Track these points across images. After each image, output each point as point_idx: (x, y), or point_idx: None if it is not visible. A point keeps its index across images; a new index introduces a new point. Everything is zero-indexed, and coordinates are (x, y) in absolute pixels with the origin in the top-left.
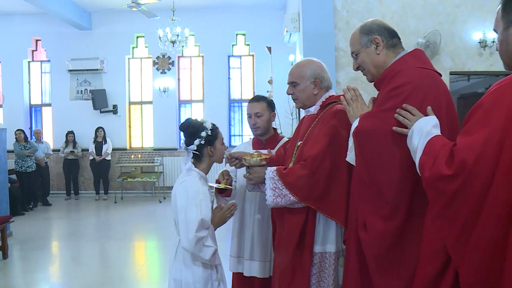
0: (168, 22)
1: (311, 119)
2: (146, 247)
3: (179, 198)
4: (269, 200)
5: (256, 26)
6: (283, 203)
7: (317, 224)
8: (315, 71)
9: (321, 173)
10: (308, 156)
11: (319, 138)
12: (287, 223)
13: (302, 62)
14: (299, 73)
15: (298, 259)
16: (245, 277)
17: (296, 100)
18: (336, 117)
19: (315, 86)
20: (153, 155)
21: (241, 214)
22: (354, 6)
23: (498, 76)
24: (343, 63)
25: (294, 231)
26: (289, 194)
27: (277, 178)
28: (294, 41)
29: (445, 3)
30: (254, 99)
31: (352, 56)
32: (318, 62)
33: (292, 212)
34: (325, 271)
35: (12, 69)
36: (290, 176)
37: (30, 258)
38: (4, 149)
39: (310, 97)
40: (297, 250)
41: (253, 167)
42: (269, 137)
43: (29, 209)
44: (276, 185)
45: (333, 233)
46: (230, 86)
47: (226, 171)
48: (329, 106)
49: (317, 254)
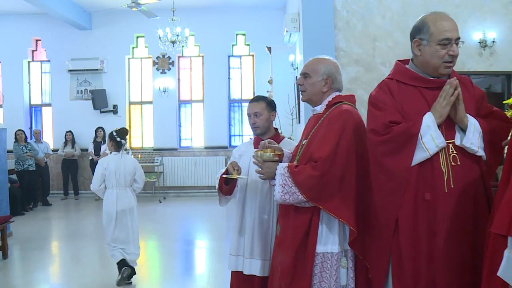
0: (168, 22)
1: (317, 118)
2: (146, 247)
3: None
4: (277, 196)
5: (256, 26)
6: (290, 200)
7: (320, 224)
8: (330, 70)
9: (331, 175)
10: (319, 157)
11: (327, 139)
12: (292, 222)
13: (320, 57)
14: (314, 66)
15: (301, 259)
16: (245, 275)
17: (304, 92)
18: (343, 117)
19: (325, 83)
20: (153, 155)
21: (241, 213)
22: (354, 6)
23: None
24: (343, 63)
25: (299, 230)
26: (298, 193)
27: (288, 175)
28: (294, 41)
29: (445, 3)
30: (253, 99)
31: None
32: (335, 62)
33: (298, 211)
34: (326, 272)
35: (12, 69)
36: (300, 175)
37: (30, 258)
38: (4, 149)
39: (318, 93)
40: (299, 250)
41: (265, 162)
42: (270, 137)
43: (29, 209)
44: (285, 182)
45: (336, 234)
46: (230, 86)
47: (235, 162)
48: (336, 106)
49: (319, 255)
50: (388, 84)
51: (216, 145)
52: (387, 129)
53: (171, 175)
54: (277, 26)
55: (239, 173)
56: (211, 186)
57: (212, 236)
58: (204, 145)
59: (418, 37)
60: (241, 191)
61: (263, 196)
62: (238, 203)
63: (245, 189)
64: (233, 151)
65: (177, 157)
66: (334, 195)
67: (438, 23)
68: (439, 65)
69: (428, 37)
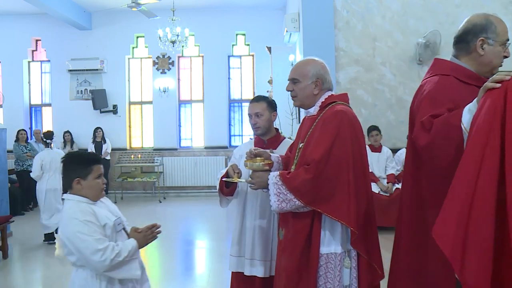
0: (168, 22)
1: (311, 120)
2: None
3: None
4: (274, 205)
5: (256, 26)
6: (288, 208)
7: (323, 225)
8: (319, 71)
9: (325, 176)
10: (312, 160)
11: (321, 140)
12: (293, 227)
13: (306, 60)
14: (302, 70)
15: (305, 263)
16: (246, 276)
17: (295, 97)
18: (337, 118)
19: (316, 86)
20: (153, 155)
21: (242, 214)
22: (354, 6)
23: None
24: (343, 63)
25: (300, 235)
26: (294, 199)
27: (281, 183)
28: (294, 41)
29: (445, 3)
30: (254, 99)
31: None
32: (322, 62)
33: (297, 216)
34: (331, 272)
35: (12, 69)
36: (294, 180)
37: (30, 258)
38: (4, 149)
39: (309, 96)
40: (303, 254)
41: (256, 172)
42: (271, 137)
43: (29, 209)
44: (280, 190)
45: (339, 234)
46: (230, 86)
47: (235, 165)
48: (329, 106)
49: (323, 256)
50: (446, 80)
51: (216, 145)
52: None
53: (171, 175)
54: (277, 26)
55: (240, 176)
56: (211, 186)
57: (212, 236)
58: (204, 145)
59: (483, 36)
60: (242, 191)
61: (264, 197)
62: (238, 204)
63: (245, 190)
64: (233, 151)
65: (177, 157)
66: (330, 196)
67: (502, 24)
68: (498, 66)
69: (494, 37)
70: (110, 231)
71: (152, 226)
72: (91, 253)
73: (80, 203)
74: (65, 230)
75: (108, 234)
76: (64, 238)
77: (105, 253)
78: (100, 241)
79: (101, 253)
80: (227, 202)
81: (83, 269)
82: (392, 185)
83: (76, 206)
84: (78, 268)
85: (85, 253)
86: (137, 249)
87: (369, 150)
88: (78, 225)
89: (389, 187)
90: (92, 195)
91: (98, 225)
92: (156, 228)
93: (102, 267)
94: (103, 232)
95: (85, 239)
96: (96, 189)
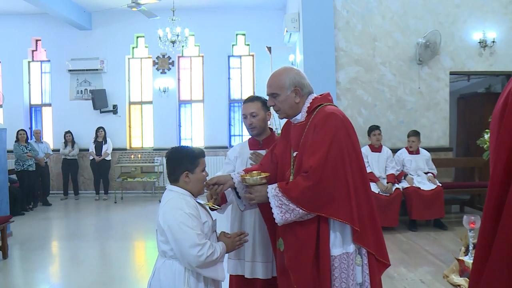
0: (168, 22)
1: (301, 127)
2: (146, 247)
3: None
4: (278, 218)
5: (256, 26)
6: (292, 217)
7: (332, 227)
8: (294, 79)
9: (325, 181)
10: (309, 166)
11: (317, 146)
12: (299, 236)
13: (279, 71)
14: (278, 83)
15: (317, 270)
16: (246, 279)
17: (279, 111)
18: (330, 121)
19: (296, 94)
20: (153, 155)
21: (240, 216)
22: (354, 6)
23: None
24: (343, 63)
25: (309, 242)
26: (297, 208)
27: (281, 195)
28: (294, 41)
29: (445, 3)
30: (248, 100)
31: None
32: (295, 69)
33: (302, 224)
34: (344, 272)
35: (12, 69)
36: (294, 190)
37: (30, 258)
38: (4, 149)
39: (292, 106)
40: (315, 262)
41: (254, 187)
42: (266, 137)
43: (29, 209)
44: (282, 202)
45: (349, 233)
46: (230, 86)
47: (214, 189)
48: (317, 110)
49: (336, 257)
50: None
51: (216, 145)
52: None
53: None
54: (277, 26)
55: (217, 202)
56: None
57: None
58: (204, 145)
59: None
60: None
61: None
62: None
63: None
64: (228, 153)
65: None
66: (332, 199)
67: None
68: None
69: None
70: (207, 230)
71: (241, 233)
72: (189, 246)
73: (185, 196)
74: (168, 218)
75: (206, 232)
76: (165, 227)
77: (202, 249)
78: (200, 237)
79: (199, 248)
80: (224, 208)
81: (172, 262)
82: (391, 185)
83: (182, 198)
84: (166, 259)
85: (183, 245)
86: (225, 253)
87: (369, 150)
88: (183, 216)
89: (389, 187)
90: (197, 189)
91: (200, 221)
92: (244, 236)
93: (196, 262)
94: (203, 228)
95: (187, 231)
96: (201, 182)
